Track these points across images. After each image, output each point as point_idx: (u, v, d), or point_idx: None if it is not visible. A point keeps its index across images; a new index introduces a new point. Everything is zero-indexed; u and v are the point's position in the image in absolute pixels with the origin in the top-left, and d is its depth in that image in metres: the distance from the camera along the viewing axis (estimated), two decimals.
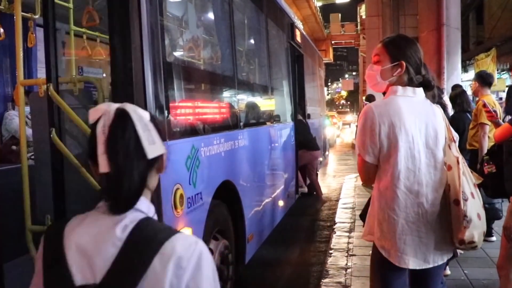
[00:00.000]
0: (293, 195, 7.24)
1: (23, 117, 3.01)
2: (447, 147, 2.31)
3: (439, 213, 2.28)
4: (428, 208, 2.26)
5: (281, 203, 6.08)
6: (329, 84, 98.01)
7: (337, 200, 8.87)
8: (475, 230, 2.22)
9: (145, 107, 2.61)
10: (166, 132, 2.78)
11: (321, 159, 11.10)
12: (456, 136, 2.43)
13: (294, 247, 6.26)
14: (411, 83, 2.34)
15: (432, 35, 11.12)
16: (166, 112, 2.80)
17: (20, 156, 3.09)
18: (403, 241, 2.27)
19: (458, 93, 6.12)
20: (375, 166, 2.35)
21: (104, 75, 6.13)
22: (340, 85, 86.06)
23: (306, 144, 8.32)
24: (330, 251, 5.53)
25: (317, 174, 10.49)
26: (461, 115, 5.85)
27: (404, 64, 2.33)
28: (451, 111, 6.21)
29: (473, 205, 2.24)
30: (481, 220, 2.27)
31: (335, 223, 6.94)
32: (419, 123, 2.27)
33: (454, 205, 2.25)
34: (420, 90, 2.35)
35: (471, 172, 2.38)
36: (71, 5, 3.84)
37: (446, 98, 7.26)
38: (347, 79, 74.34)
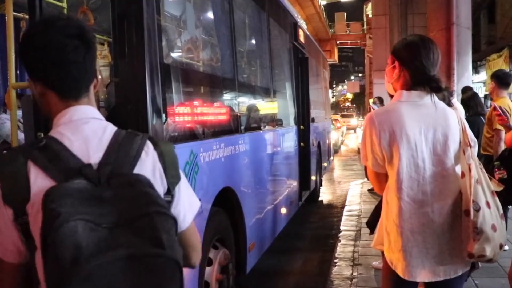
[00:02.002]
0: (297, 202, 7.24)
1: (15, 121, 3.01)
2: (461, 152, 2.27)
3: (449, 223, 2.25)
4: (435, 218, 2.24)
5: (283, 210, 6.08)
6: (334, 86, 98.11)
7: (342, 207, 8.88)
8: (487, 243, 2.17)
9: (143, 111, 2.62)
10: (163, 136, 2.79)
11: (325, 164, 11.10)
12: (473, 140, 2.36)
13: (297, 256, 6.27)
14: (417, 85, 2.32)
15: (441, 35, 11.10)
16: (163, 116, 2.81)
17: None
18: (409, 253, 2.25)
19: (470, 96, 6.12)
20: (383, 174, 2.35)
21: (100, 77, 6.14)
22: (345, 87, 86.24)
23: None
24: (335, 261, 5.53)
25: (321, 180, 10.50)
26: (475, 118, 5.83)
27: (398, 65, 2.35)
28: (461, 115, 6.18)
29: (488, 216, 2.19)
30: (497, 232, 2.21)
31: (340, 231, 6.95)
32: (425, 129, 2.24)
33: (465, 216, 2.21)
34: (427, 94, 2.31)
35: (490, 178, 2.33)
36: (65, 5, 3.85)
37: (455, 101, 7.26)
38: (353, 80, 74.55)
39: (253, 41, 5.74)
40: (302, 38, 8.28)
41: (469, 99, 6.00)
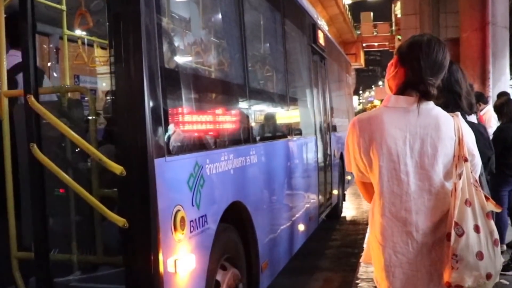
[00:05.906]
0: (316, 218, 7.19)
1: (8, 131, 3.05)
2: (453, 168, 2.15)
3: (437, 245, 2.15)
4: (419, 238, 2.14)
5: (301, 227, 6.04)
6: (360, 92, 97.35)
7: (367, 224, 8.78)
8: (467, 272, 2.05)
9: (141, 120, 2.63)
10: (165, 147, 2.79)
11: (349, 177, 11.03)
12: (472, 154, 2.23)
13: (316, 277, 6.23)
14: (409, 87, 2.22)
15: (475, 36, 11.00)
16: (164, 125, 2.81)
17: (5, 174, 3.13)
18: (392, 273, 2.18)
19: (504, 102, 6.07)
20: (369, 183, 2.29)
21: (104, 84, 6.21)
22: (373, 93, 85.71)
23: None
24: (357, 281, 5.48)
25: (344, 194, 10.44)
26: (509, 126, 5.79)
27: (396, 61, 2.30)
28: (495, 122, 6.15)
29: (474, 242, 2.06)
30: (485, 260, 2.06)
31: (363, 250, 6.87)
32: (411, 139, 2.15)
33: (446, 240, 2.09)
34: (415, 99, 2.20)
35: (487, 199, 2.18)
36: (64, 7, 3.89)
37: (489, 108, 7.20)
38: (381, 86, 73.84)
39: (266, 44, 5.74)
40: (322, 41, 8.28)
41: (502, 105, 5.94)
